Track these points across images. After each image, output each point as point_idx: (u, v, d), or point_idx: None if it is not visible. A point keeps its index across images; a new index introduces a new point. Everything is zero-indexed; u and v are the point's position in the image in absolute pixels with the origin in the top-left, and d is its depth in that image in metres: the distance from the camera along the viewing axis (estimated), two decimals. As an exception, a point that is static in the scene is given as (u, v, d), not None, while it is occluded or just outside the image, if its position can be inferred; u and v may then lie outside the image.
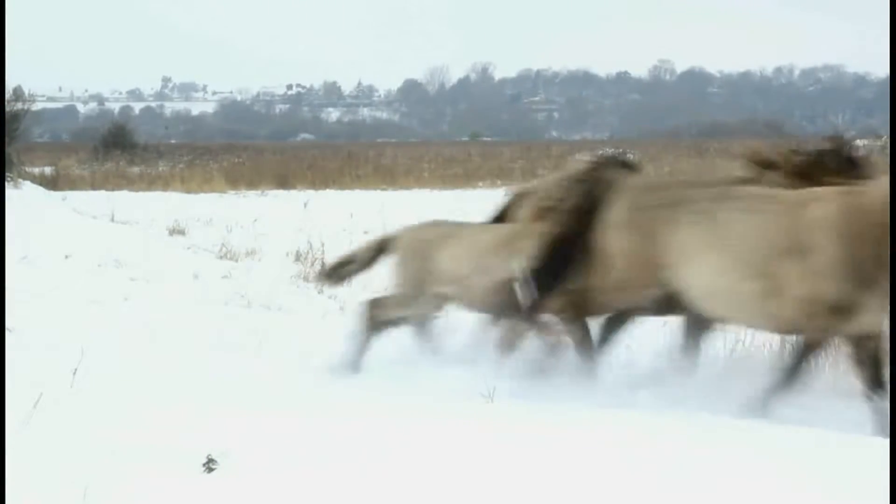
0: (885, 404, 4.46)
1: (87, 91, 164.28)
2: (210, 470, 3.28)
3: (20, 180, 18.72)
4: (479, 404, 4.65)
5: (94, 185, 24.45)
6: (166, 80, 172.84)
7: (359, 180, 26.35)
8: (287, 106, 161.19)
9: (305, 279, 8.35)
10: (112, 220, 13.24)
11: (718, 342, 5.61)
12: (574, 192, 5.19)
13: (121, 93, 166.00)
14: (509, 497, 3.19)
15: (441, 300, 5.60)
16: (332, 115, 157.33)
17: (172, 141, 56.53)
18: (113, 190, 22.39)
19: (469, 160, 33.88)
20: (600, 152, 7.15)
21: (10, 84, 21.73)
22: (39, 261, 8.32)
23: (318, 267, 8.45)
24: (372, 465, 3.40)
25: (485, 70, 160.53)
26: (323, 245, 8.84)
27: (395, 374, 5.36)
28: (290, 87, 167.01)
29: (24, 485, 3.09)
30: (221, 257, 9.77)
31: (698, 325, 5.29)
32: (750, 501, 3.19)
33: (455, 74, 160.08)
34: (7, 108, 20.41)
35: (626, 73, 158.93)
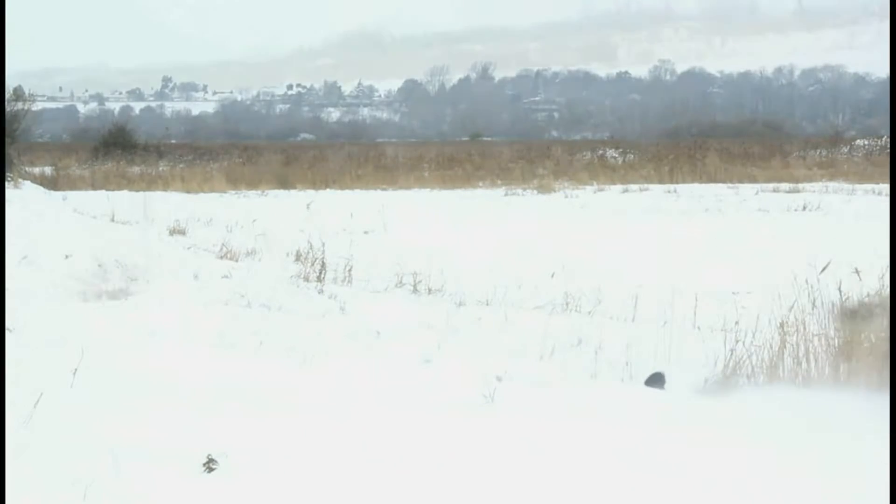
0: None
1: (87, 91, 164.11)
2: (210, 470, 3.28)
3: (20, 180, 18.69)
4: (479, 404, 4.66)
5: (94, 185, 24.44)
6: (166, 80, 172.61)
7: (359, 180, 26.33)
8: (287, 106, 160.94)
9: (305, 279, 8.32)
10: (112, 219, 13.22)
11: (718, 342, 5.61)
12: None
13: (121, 93, 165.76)
14: (510, 497, 3.19)
15: None
16: (332, 115, 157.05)
17: (173, 141, 56.27)
18: (113, 190, 22.38)
19: (469, 160, 33.79)
20: None
21: (10, 84, 21.78)
22: (39, 261, 8.30)
23: (318, 267, 8.44)
24: (372, 465, 3.41)
25: (485, 70, 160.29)
26: (323, 245, 8.81)
27: (395, 374, 5.36)
28: (290, 87, 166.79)
29: (24, 485, 3.09)
30: (221, 257, 9.76)
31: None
32: (750, 501, 3.19)
33: (455, 74, 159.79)
34: (7, 108, 20.43)
35: (626, 73, 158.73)
